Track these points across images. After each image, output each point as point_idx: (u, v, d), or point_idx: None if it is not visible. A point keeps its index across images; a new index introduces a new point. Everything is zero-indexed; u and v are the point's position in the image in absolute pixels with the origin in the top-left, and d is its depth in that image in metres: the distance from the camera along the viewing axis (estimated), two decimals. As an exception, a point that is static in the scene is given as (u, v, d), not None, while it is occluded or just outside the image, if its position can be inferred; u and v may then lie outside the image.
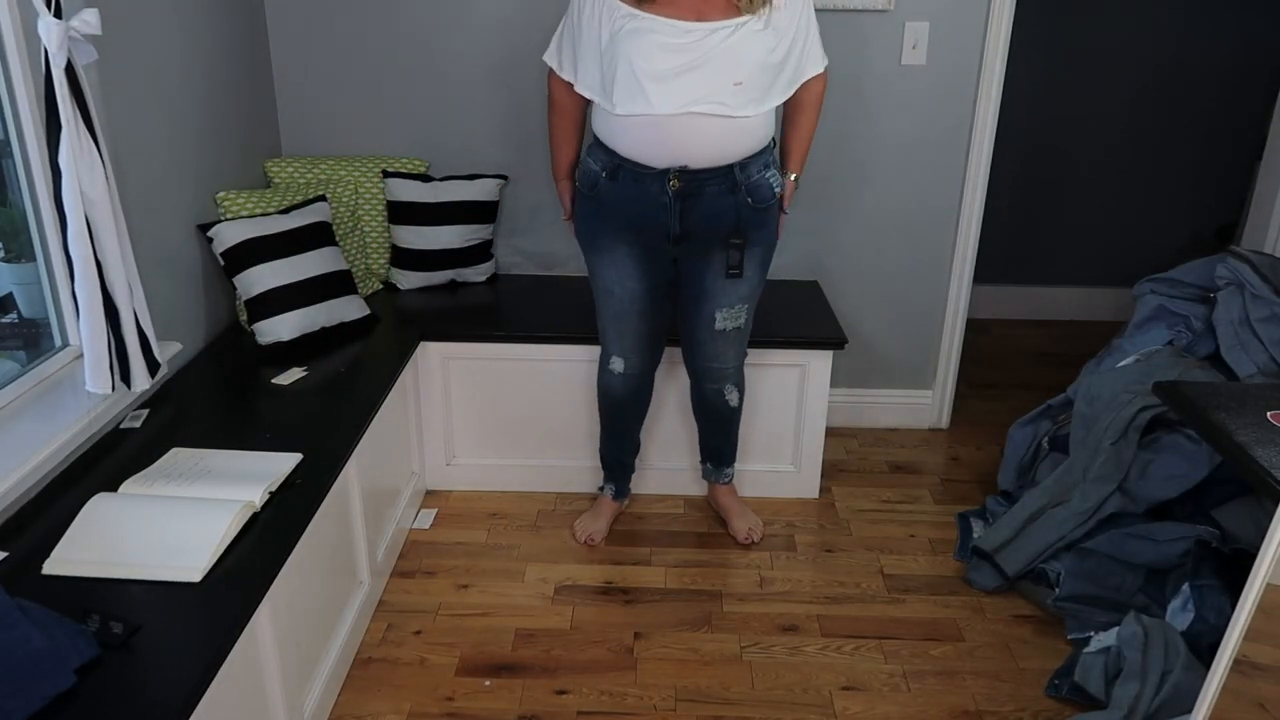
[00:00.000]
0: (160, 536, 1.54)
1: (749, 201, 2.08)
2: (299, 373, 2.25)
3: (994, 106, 2.76)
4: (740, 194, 2.07)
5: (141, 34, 2.11)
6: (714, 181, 2.04)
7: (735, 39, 1.92)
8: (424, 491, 2.71)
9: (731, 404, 2.40)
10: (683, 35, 1.91)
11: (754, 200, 2.08)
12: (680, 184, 2.02)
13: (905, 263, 2.95)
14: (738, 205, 2.08)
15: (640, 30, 1.92)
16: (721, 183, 2.04)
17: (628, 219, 2.10)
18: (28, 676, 1.21)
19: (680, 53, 1.92)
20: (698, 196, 2.05)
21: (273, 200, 2.48)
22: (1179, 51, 3.70)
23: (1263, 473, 1.50)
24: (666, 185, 2.02)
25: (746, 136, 2.02)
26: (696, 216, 2.07)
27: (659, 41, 1.91)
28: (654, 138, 1.99)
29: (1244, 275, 2.30)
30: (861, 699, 1.98)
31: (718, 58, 1.92)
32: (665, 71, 1.92)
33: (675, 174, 2.01)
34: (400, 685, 2.00)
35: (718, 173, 2.03)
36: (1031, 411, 2.64)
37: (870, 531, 2.57)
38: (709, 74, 1.93)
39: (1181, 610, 1.97)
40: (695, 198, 2.05)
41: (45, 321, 2.02)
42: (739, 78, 1.94)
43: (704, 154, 2.01)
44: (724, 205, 2.07)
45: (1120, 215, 3.98)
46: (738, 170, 2.05)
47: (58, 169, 1.69)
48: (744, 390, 2.42)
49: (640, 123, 1.98)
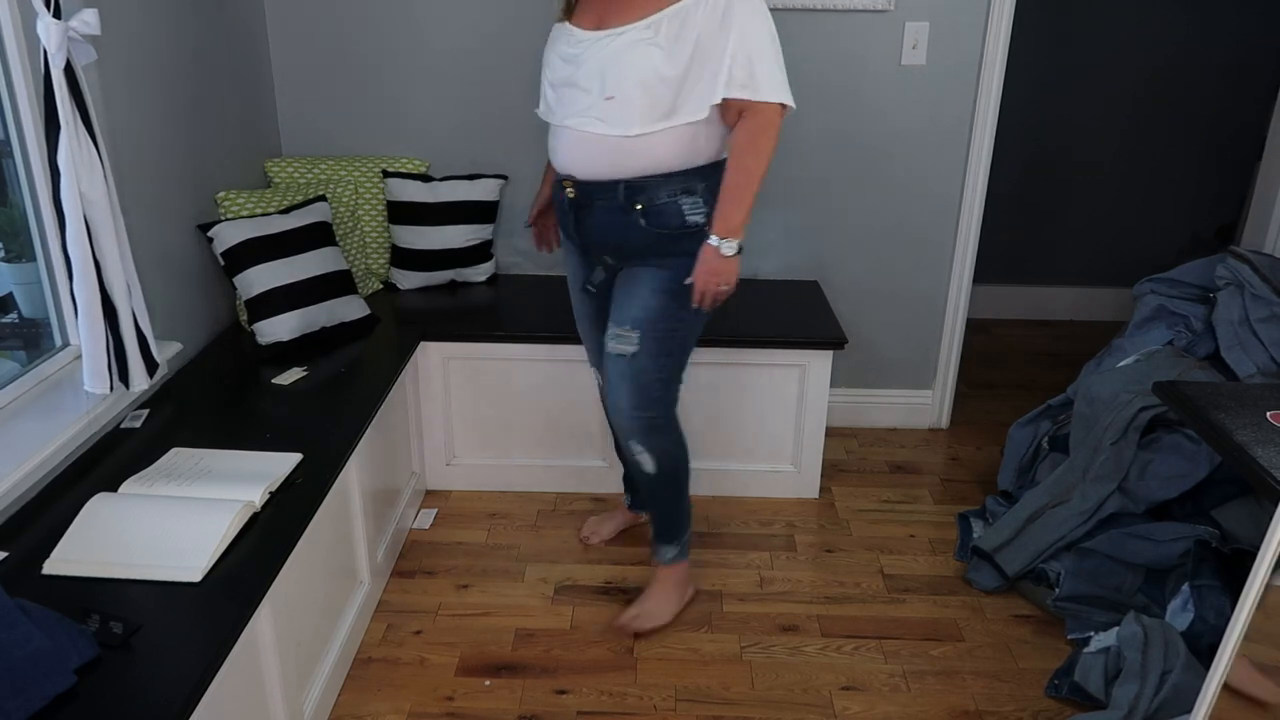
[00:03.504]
0: (160, 536, 1.54)
1: (642, 224, 1.89)
2: (299, 373, 2.25)
3: (994, 106, 2.76)
4: (634, 215, 1.88)
5: (141, 34, 2.11)
6: (602, 197, 1.90)
7: (613, 49, 1.78)
8: (424, 491, 2.71)
9: (644, 468, 2.06)
10: (575, 45, 1.85)
11: (651, 224, 1.88)
12: (575, 194, 1.93)
13: (905, 263, 2.95)
14: (628, 225, 1.90)
15: (553, 39, 1.93)
16: (610, 199, 1.89)
17: (561, 225, 2.09)
18: (28, 676, 1.21)
19: (569, 63, 1.85)
20: (589, 208, 1.93)
21: (273, 200, 2.48)
22: (1179, 52, 3.70)
23: (1262, 473, 1.49)
24: (566, 193, 1.96)
25: (639, 157, 1.84)
26: (589, 228, 1.97)
27: (559, 50, 1.88)
28: (552, 145, 1.96)
29: (1244, 275, 2.30)
30: (861, 699, 1.98)
31: (593, 69, 1.81)
32: (558, 81, 1.88)
33: (569, 183, 1.93)
34: (400, 685, 2.00)
35: (605, 188, 1.89)
36: (1031, 411, 2.65)
37: (870, 531, 2.57)
38: (583, 86, 1.82)
39: (1181, 610, 1.97)
40: (587, 209, 1.94)
41: (45, 321, 2.02)
42: (610, 91, 1.79)
43: (585, 168, 1.89)
44: (613, 222, 1.92)
45: (1120, 215, 3.98)
46: (627, 189, 1.87)
47: (57, 169, 1.69)
48: (664, 457, 2.06)
49: (550, 130, 1.97)
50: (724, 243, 1.83)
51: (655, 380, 1.99)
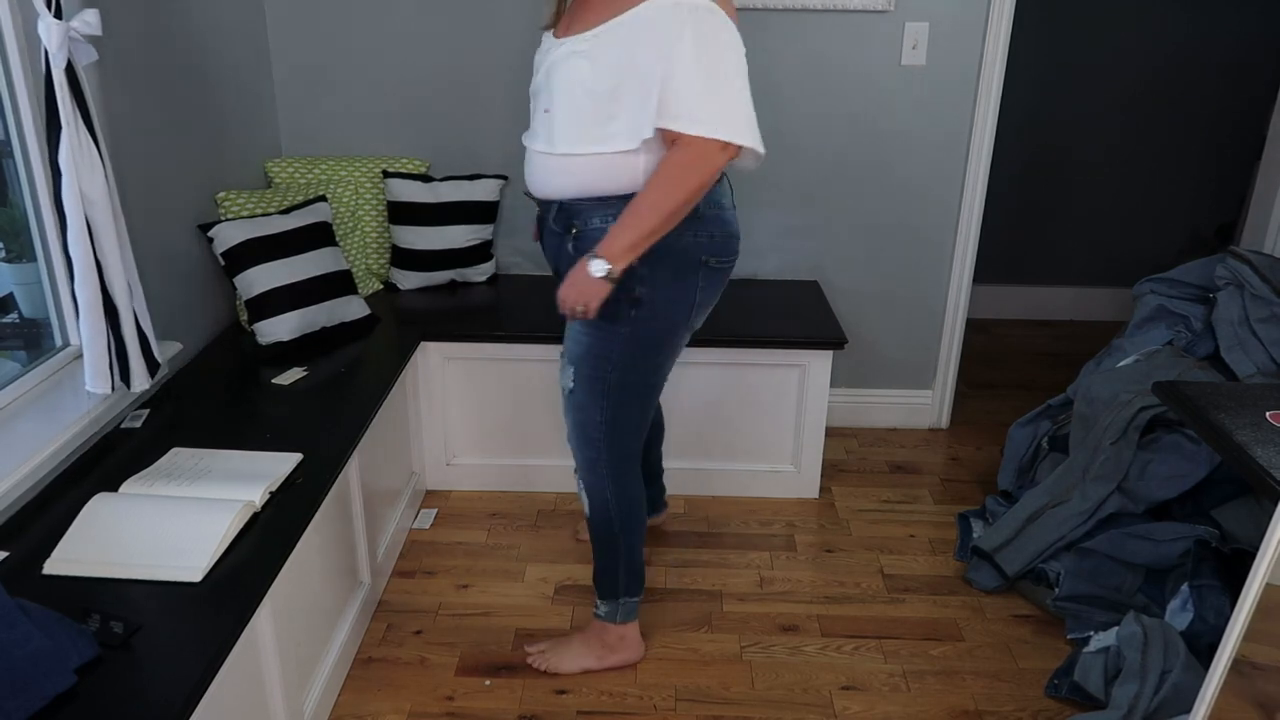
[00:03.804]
0: (160, 536, 1.55)
1: (570, 250, 1.77)
2: (299, 373, 2.25)
3: (994, 106, 2.76)
4: (566, 239, 1.78)
5: (142, 34, 2.11)
6: (548, 215, 1.81)
7: (553, 59, 1.69)
8: (424, 491, 2.71)
9: (585, 510, 1.98)
10: (541, 54, 1.77)
11: (579, 251, 1.72)
12: (538, 209, 1.86)
13: (905, 263, 2.95)
14: (560, 250, 1.80)
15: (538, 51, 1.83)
16: (553, 218, 1.80)
17: None
18: (28, 676, 1.21)
19: (535, 73, 1.77)
20: (544, 227, 1.85)
21: (273, 200, 2.49)
22: (1179, 51, 3.70)
23: (1262, 473, 1.50)
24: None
25: (565, 176, 1.73)
26: (544, 247, 1.89)
27: (536, 59, 1.80)
28: None
29: (1244, 275, 2.30)
30: (861, 699, 1.98)
31: (541, 80, 1.73)
32: (532, 90, 1.80)
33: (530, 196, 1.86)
34: (400, 685, 2.00)
35: (546, 207, 1.81)
36: (1031, 411, 2.65)
37: (870, 531, 2.57)
38: (537, 97, 1.75)
39: (1181, 610, 1.97)
40: (543, 227, 1.85)
41: (46, 321, 2.02)
42: (546, 104, 1.71)
43: (531, 183, 1.81)
44: (554, 244, 1.83)
45: (1120, 215, 3.98)
46: (560, 211, 1.77)
47: (58, 169, 1.69)
48: (599, 502, 1.93)
49: None
50: (595, 262, 1.63)
51: (595, 421, 1.85)
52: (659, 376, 1.89)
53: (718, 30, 1.58)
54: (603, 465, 1.90)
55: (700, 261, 1.77)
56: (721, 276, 1.84)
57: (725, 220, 1.79)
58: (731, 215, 1.82)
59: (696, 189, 1.61)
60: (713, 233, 1.76)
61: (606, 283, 1.65)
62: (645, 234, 1.63)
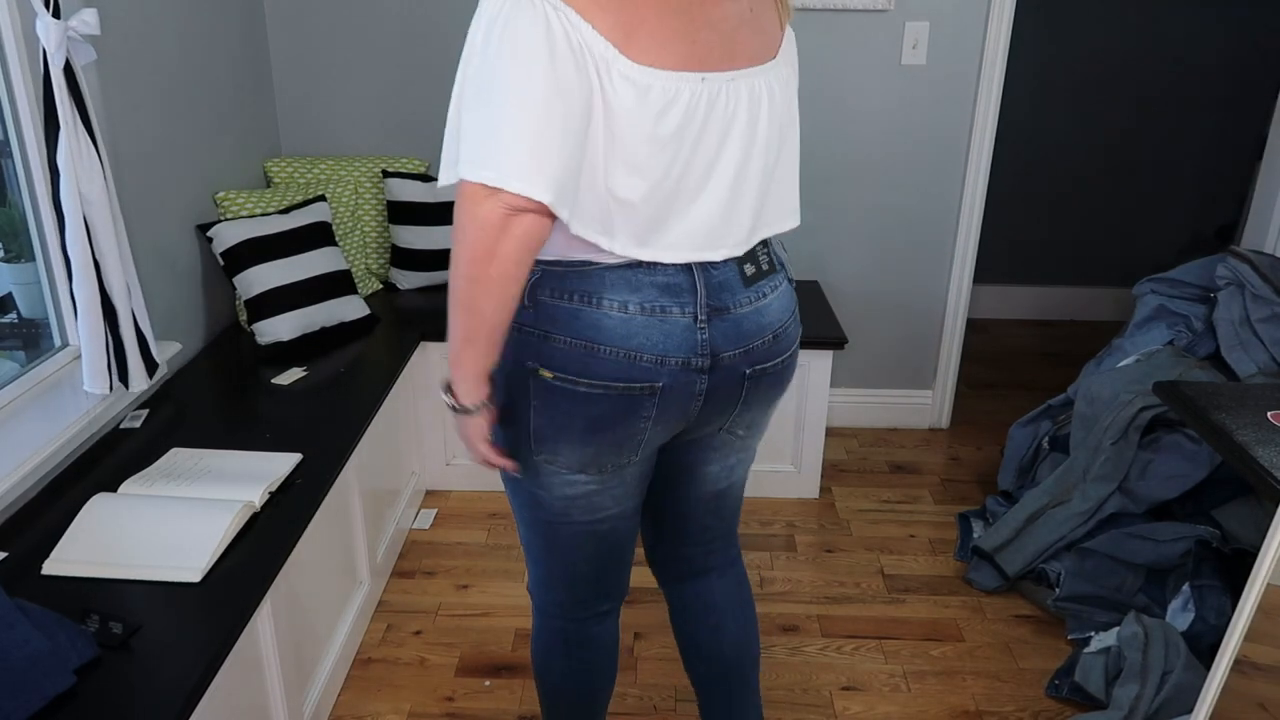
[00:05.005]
0: (160, 536, 1.54)
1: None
2: (299, 373, 2.24)
3: (994, 106, 2.75)
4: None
5: (141, 34, 2.10)
6: None
7: None
8: (424, 491, 2.71)
9: None
10: None
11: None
12: None
13: (905, 263, 2.95)
14: None
15: None
16: None
17: None
18: (27, 676, 1.21)
19: None
20: None
21: (273, 200, 2.48)
22: (1179, 52, 3.70)
23: (1263, 473, 1.49)
24: None
25: None
26: None
27: None
28: None
29: (1244, 275, 2.30)
30: (861, 699, 1.98)
31: None
32: None
33: None
34: (400, 685, 2.00)
35: None
36: (1031, 411, 2.65)
37: (870, 531, 2.57)
38: None
39: (1182, 610, 1.97)
40: None
41: (44, 321, 2.02)
42: None
43: None
44: None
45: (1120, 215, 3.98)
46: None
47: (56, 169, 1.69)
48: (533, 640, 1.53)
49: None
50: (444, 390, 1.21)
51: (526, 547, 1.43)
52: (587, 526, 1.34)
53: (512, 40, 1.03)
54: (536, 603, 1.48)
55: (526, 370, 1.20)
56: (585, 402, 1.19)
57: (599, 324, 1.16)
58: (619, 320, 1.16)
59: (470, 260, 1.07)
60: (561, 335, 1.17)
61: (467, 416, 1.20)
62: (458, 337, 1.14)
